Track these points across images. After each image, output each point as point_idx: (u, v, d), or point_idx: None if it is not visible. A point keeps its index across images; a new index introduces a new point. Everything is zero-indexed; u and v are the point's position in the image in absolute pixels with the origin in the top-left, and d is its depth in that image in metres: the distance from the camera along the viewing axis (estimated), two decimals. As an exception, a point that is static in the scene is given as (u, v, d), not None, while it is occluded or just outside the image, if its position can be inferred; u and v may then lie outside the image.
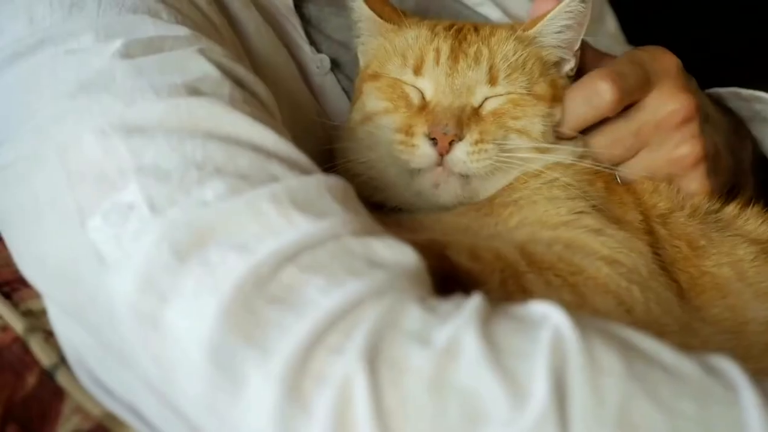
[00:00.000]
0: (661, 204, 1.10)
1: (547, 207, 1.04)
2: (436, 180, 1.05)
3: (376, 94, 1.11)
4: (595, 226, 1.02)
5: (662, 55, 1.12)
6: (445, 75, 1.08)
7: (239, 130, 0.86)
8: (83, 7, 0.95)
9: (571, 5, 1.10)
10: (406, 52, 1.11)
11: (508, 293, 0.93)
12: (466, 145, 1.03)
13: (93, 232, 0.81)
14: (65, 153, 0.85)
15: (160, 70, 0.89)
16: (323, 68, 1.22)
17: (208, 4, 1.05)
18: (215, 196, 0.80)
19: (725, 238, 1.08)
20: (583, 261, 0.97)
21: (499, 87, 1.08)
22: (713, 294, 1.03)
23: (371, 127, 1.10)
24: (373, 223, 0.84)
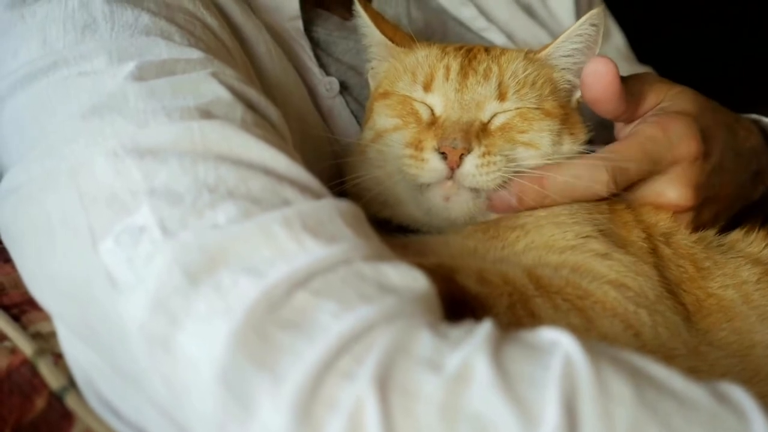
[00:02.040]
0: (663, 223, 1.10)
1: (553, 231, 1.04)
2: (446, 194, 1.05)
3: (387, 112, 1.12)
4: (602, 250, 1.02)
5: (683, 141, 1.08)
6: (455, 90, 1.08)
7: (251, 153, 0.86)
8: (96, 30, 0.95)
9: (581, 28, 1.10)
10: (416, 69, 1.12)
11: (516, 317, 0.93)
12: (475, 158, 1.03)
13: (105, 255, 0.81)
14: (78, 174, 0.85)
15: (173, 93, 0.89)
16: (332, 91, 1.23)
17: (221, 26, 1.05)
18: (227, 219, 0.80)
19: (729, 259, 1.09)
20: (591, 285, 0.97)
21: (508, 102, 1.08)
22: (719, 317, 1.03)
23: (381, 144, 1.10)
24: (383, 247, 0.84)
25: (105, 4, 0.97)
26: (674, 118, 1.09)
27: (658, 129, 1.07)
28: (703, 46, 2.15)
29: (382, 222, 1.09)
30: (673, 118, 1.09)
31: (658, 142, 1.07)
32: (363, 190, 1.10)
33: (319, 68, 1.23)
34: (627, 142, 1.08)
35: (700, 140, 1.09)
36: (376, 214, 1.09)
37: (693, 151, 1.08)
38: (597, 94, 1.06)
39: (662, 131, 1.07)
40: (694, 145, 1.08)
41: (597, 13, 1.11)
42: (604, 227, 1.06)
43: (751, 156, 1.20)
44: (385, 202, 1.10)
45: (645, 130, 1.08)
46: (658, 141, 1.07)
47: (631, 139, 1.08)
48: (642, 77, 1.13)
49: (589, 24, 1.10)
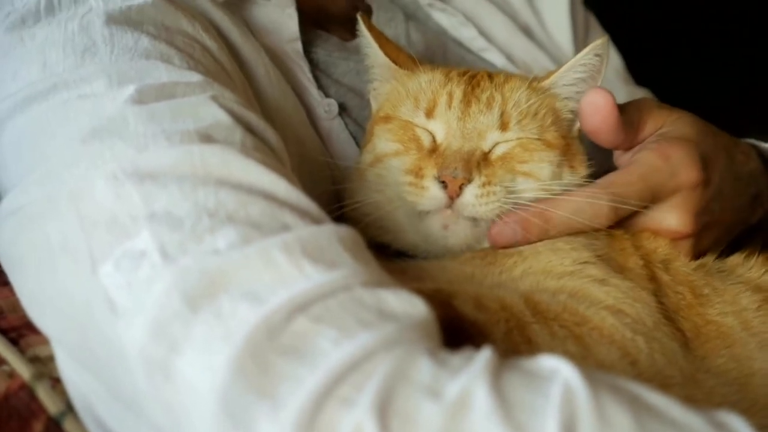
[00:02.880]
0: (661, 249, 1.11)
1: (551, 258, 1.05)
2: (445, 222, 1.06)
3: (387, 136, 1.13)
4: (600, 275, 1.03)
5: (684, 169, 1.09)
6: (457, 119, 1.09)
7: (251, 177, 0.87)
8: (96, 53, 0.96)
9: (585, 58, 1.12)
10: (419, 95, 1.13)
11: (513, 344, 0.93)
12: (475, 188, 1.04)
13: (105, 279, 0.82)
14: (77, 198, 0.86)
15: (173, 117, 0.90)
16: (331, 113, 1.24)
17: (220, 49, 1.07)
18: (227, 244, 0.81)
19: (728, 286, 1.09)
20: (588, 311, 0.98)
21: (510, 132, 1.10)
22: (718, 343, 1.04)
23: (381, 168, 1.11)
24: (382, 273, 0.86)
25: (105, 27, 0.99)
26: (675, 145, 1.10)
27: (659, 157, 1.09)
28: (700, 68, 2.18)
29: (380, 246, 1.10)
30: (673, 144, 1.10)
31: (659, 170, 1.08)
32: (362, 214, 1.11)
33: (318, 90, 1.24)
34: (627, 171, 1.09)
35: (700, 167, 1.10)
36: (375, 238, 1.10)
37: (694, 178, 1.09)
38: (595, 126, 1.07)
39: (663, 159, 1.08)
40: (695, 173, 1.09)
41: (601, 43, 1.12)
42: (602, 253, 1.07)
43: (749, 180, 1.21)
44: (384, 227, 1.11)
45: (646, 158, 1.09)
46: (659, 169, 1.08)
47: (631, 169, 1.09)
48: (640, 104, 1.14)
49: (594, 54, 1.12)
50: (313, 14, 1.31)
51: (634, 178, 1.07)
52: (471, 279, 1.04)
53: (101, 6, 1.01)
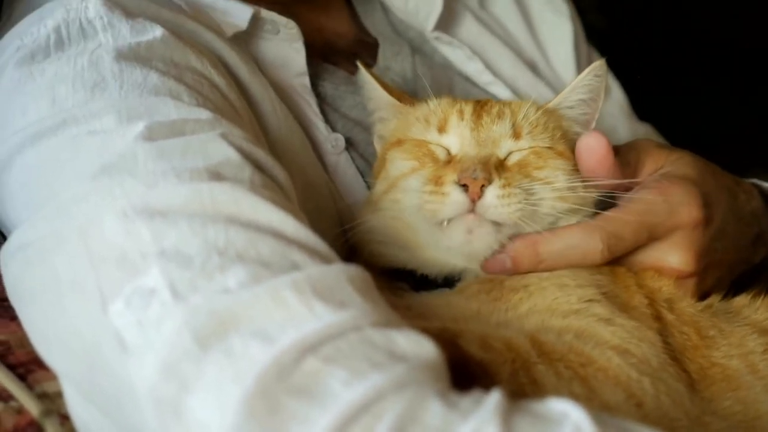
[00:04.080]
0: (666, 288, 1.12)
1: (556, 294, 1.06)
2: (468, 227, 1.05)
3: (402, 156, 1.14)
4: (605, 315, 1.05)
5: (684, 207, 1.11)
6: (470, 129, 1.12)
7: (260, 215, 0.89)
8: (105, 89, 0.99)
9: (586, 79, 1.16)
10: (429, 116, 1.15)
11: (519, 384, 0.95)
12: (496, 188, 1.04)
13: (115, 317, 0.84)
14: (87, 234, 0.88)
15: (182, 154, 0.92)
16: (338, 147, 1.26)
17: (228, 85, 1.09)
18: (237, 283, 0.83)
19: (734, 328, 1.10)
20: (594, 351, 0.99)
21: (523, 141, 1.12)
22: (724, 386, 1.05)
23: (396, 192, 1.12)
24: (391, 312, 0.87)
25: (114, 63, 1.01)
26: (675, 184, 1.12)
27: (658, 195, 1.10)
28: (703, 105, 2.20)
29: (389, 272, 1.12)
30: (674, 183, 1.12)
31: (656, 208, 1.09)
32: (373, 241, 1.12)
33: (325, 124, 1.27)
34: (625, 209, 1.10)
35: (701, 206, 1.11)
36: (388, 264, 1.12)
37: (694, 217, 1.11)
38: (591, 167, 1.10)
39: (663, 197, 1.10)
40: (695, 211, 1.11)
41: (600, 64, 1.16)
42: (607, 289, 1.09)
43: (751, 220, 1.23)
44: (401, 246, 1.12)
45: (644, 196, 1.10)
46: (656, 207, 1.09)
47: (629, 206, 1.10)
48: (638, 144, 1.17)
49: (594, 75, 1.16)
50: (319, 48, 1.34)
51: (631, 215, 1.08)
52: (476, 316, 1.05)
53: (110, 42, 1.04)
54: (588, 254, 1.07)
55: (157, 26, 1.08)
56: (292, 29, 1.26)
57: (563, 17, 1.59)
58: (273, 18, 1.24)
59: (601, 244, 1.06)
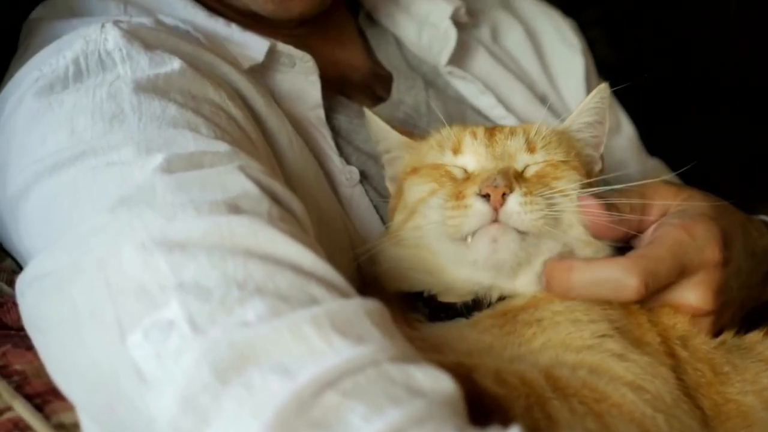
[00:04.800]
0: (680, 325, 1.13)
1: (570, 329, 1.07)
2: (493, 235, 1.05)
3: (419, 181, 1.16)
4: (619, 350, 1.05)
5: (709, 246, 1.11)
6: (485, 146, 1.14)
7: (278, 249, 0.90)
8: (124, 120, 1.00)
9: (592, 102, 1.18)
10: (442, 142, 1.18)
11: (533, 419, 0.95)
12: (518, 195, 1.05)
13: (133, 349, 0.85)
14: (106, 266, 0.89)
15: (201, 187, 0.94)
16: (352, 180, 1.28)
17: (245, 117, 1.11)
18: (256, 316, 0.84)
19: (748, 364, 1.11)
20: (608, 387, 1.00)
21: (538, 155, 1.14)
22: (738, 422, 1.05)
23: (417, 218, 1.13)
24: (409, 347, 0.88)
25: (133, 95, 1.02)
26: (698, 221, 1.12)
27: (684, 233, 1.10)
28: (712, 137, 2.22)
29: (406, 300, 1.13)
30: (696, 221, 1.12)
31: (686, 245, 1.09)
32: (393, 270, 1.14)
33: (339, 157, 1.28)
34: (656, 245, 1.09)
35: (722, 246, 1.12)
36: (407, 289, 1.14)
37: (717, 256, 1.11)
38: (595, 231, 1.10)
39: (688, 235, 1.10)
40: (717, 251, 1.11)
41: (603, 87, 1.19)
42: (619, 325, 1.09)
43: (763, 257, 1.23)
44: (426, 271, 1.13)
45: (671, 233, 1.10)
46: (685, 245, 1.09)
47: (659, 243, 1.09)
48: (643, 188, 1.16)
49: (599, 98, 1.19)
50: (334, 81, 1.37)
51: (665, 252, 1.08)
52: (490, 350, 1.06)
53: (129, 74, 1.05)
54: (620, 290, 1.06)
55: (175, 58, 1.09)
56: (308, 62, 1.28)
57: (575, 51, 1.61)
58: (289, 51, 1.27)
59: (636, 281, 1.05)
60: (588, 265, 1.08)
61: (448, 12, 1.47)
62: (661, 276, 1.07)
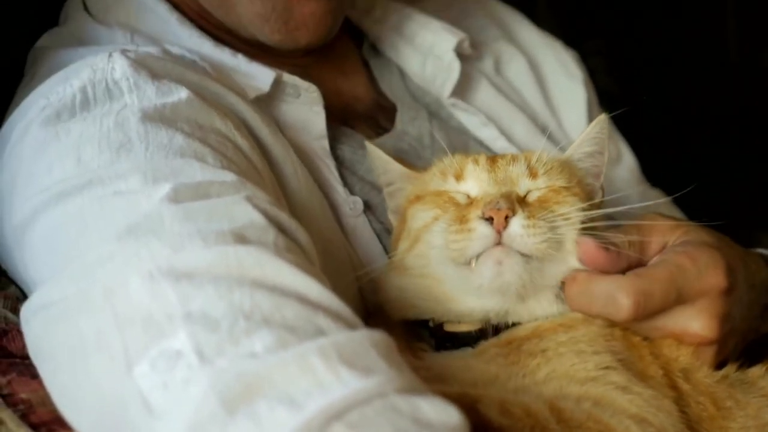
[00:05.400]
0: (683, 358, 1.13)
1: (574, 361, 1.08)
2: (497, 258, 1.06)
3: (423, 208, 1.17)
4: (622, 382, 1.06)
5: (711, 272, 1.11)
6: (487, 172, 1.15)
7: (284, 279, 0.91)
8: (131, 150, 1.01)
9: (592, 132, 1.20)
10: (445, 170, 1.19)
11: (538, 451, 0.96)
12: (520, 219, 1.06)
13: (140, 379, 0.85)
14: (113, 295, 0.90)
15: (208, 217, 0.95)
16: (356, 210, 1.29)
17: (251, 147, 1.12)
18: (264, 348, 0.84)
19: (751, 399, 1.12)
20: (612, 419, 1.01)
21: (540, 180, 1.15)
22: None
23: (421, 245, 1.14)
24: (415, 378, 0.89)
25: (140, 125, 1.03)
26: (701, 249, 1.13)
27: (687, 258, 1.11)
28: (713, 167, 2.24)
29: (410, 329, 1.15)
30: (700, 248, 1.13)
31: (687, 271, 1.10)
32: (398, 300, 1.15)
33: (343, 187, 1.29)
34: (655, 268, 1.11)
35: (726, 273, 1.12)
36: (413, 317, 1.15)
37: (720, 283, 1.11)
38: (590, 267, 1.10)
39: (691, 261, 1.11)
40: (721, 278, 1.11)
41: (603, 118, 1.21)
42: (623, 357, 1.10)
43: (762, 289, 1.24)
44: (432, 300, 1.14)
45: (674, 258, 1.11)
46: (687, 270, 1.10)
47: (660, 267, 1.11)
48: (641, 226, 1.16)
49: (599, 128, 1.21)
50: (338, 112, 1.38)
51: (663, 275, 1.09)
52: (495, 380, 1.07)
53: (136, 103, 1.06)
54: (612, 307, 1.07)
55: (182, 88, 1.11)
56: (313, 93, 1.29)
57: (577, 82, 1.63)
58: (295, 82, 1.28)
59: (628, 300, 1.06)
60: (587, 278, 1.09)
61: (452, 44, 1.49)
62: (656, 298, 1.08)
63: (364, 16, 1.55)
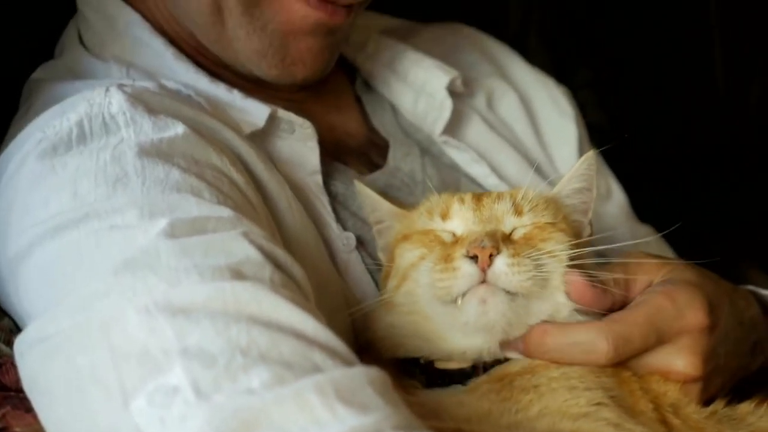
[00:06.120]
0: (671, 393, 1.14)
1: (566, 396, 1.09)
2: (482, 296, 1.08)
3: (410, 247, 1.19)
4: (614, 419, 1.07)
5: (691, 311, 1.13)
6: (472, 210, 1.17)
7: (280, 315, 0.92)
8: (127, 184, 1.02)
9: (581, 169, 1.23)
10: (431, 208, 1.21)
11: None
12: (505, 257, 1.08)
13: (137, 414, 0.86)
14: (109, 330, 0.90)
15: (204, 252, 0.96)
16: (349, 246, 1.30)
17: (246, 182, 1.14)
18: (261, 384, 0.85)
19: None
20: (605, 455, 1.03)
21: (525, 218, 1.17)
22: None
23: (409, 283, 1.16)
24: (411, 416, 0.90)
25: (137, 159, 1.04)
26: (681, 288, 1.15)
27: (666, 298, 1.13)
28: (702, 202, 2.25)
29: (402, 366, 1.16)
30: (679, 287, 1.15)
31: (665, 311, 1.12)
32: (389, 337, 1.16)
33: (336, 223, 1.30)
34: (633, 310, 1.13)
35: (707, 311, 1.14)
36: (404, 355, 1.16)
37: (701, 321, 1.13)
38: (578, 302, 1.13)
39: (670, 301, 1.12)
40: (702, 316, 1.13)
41: (591, 154, 1.23)
42: (614, 393, 1.11)
43: (750, 327, 1.26)
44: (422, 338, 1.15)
45: (652, 299, 1.13)
46: (665, 311, 1.12)
47: (637, 309, 1.13)
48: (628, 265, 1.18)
49: (588, 165, 1.23)
50: (331, 147, 1.39)
51: (640, 317, 1.11)
52: (488, 416, 1.07)
53: (133, 137, 1.08)
54: (591, 353, 1.09)
55: (178, 123, 1.12)
56: (307, 129, 1.31)
57: (568, 119, 1.65)
58: (289, 118, 1.30)
59: (607, 345, 1.08)
60: (561, 329, 1.11)
61: (444, 82, 1.50)
62: (635, 340, 1.10)
63: (357, 51, 1.56)
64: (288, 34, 1.26)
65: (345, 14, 1.28)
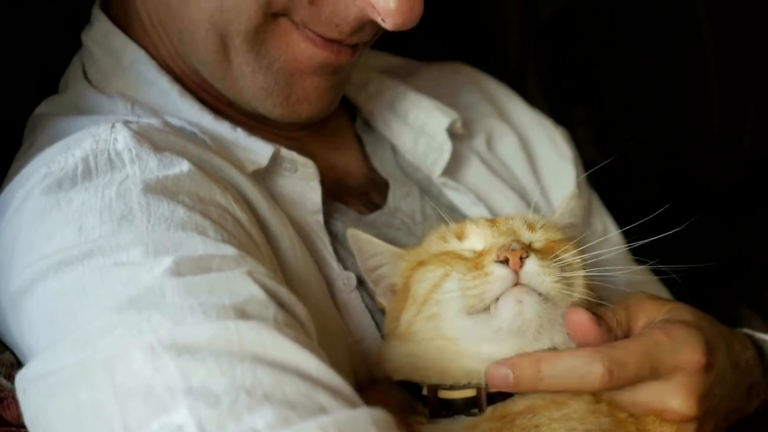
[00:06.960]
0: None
1: None
2: (517, 296, 1.09)
3: (429, 269, 1.20)
4: None
5: (688, 349, 1.14)
6: (489, 227, 1.20)
7: (284, 355, 0.93)
8: (132, 221, 1.03)
9: (570, 204, 1.28)
10: (444, 234, 1.24)
11: None
12: (535, 259, 1.11)
13: None
14: (113, 367, 0.91)
15: (209, 291, 0.97)
16: (349, 285, 1.31)
17: (250, 221, 1.15)
18: (266, 425, 0.86)
19: None
20: (604, 498, 1.04)
21: (538, 234, 1.20)
22: None
23: (432, 306, 1.16)
24: None
25: (142, 196, 1.06)
26: (678, 326, 1.16)
27: (663, 334, 1.14)
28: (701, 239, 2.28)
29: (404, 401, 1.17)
30: (677, 326, 1.16)
31: (662, 345, 1.13)
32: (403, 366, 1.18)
33: (337, 262, 1.31)
34: (630, 341, 1.14)
35: (704, 351, 1.15)
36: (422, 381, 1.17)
37: (698, 359, 1.14)
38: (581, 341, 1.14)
39: (667, 336, 1.14)
40: (699, 355, 1.14)
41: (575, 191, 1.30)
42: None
43: (746, 370, 1.27)
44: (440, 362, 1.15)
45: (650, 333, 1.14)
46: (662, 345, 1.13)
47: (634, 339, 1.14)
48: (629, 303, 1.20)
49: (576, 200, 1.28)
50: (332, 187, 1.41)
51: (637, 347, 1.12)
52: None
53: (138, 174, 1.09)
54: (587, 378, 1.09)
55: (183, 160, 1.13)
56: (309, 168, 1.33)
57: (566, 161, 1.66)
58: (293, 157, 1.32)
59: (602, 368, 1.09)
60: (556, 356, 1.11)
61: (444, 124, 1.52)
62: (629, 368, 1.10)
63: (358, 91, 1.58)
64: (294, 73, 1.27)
65: (351, 53, 1.29)
